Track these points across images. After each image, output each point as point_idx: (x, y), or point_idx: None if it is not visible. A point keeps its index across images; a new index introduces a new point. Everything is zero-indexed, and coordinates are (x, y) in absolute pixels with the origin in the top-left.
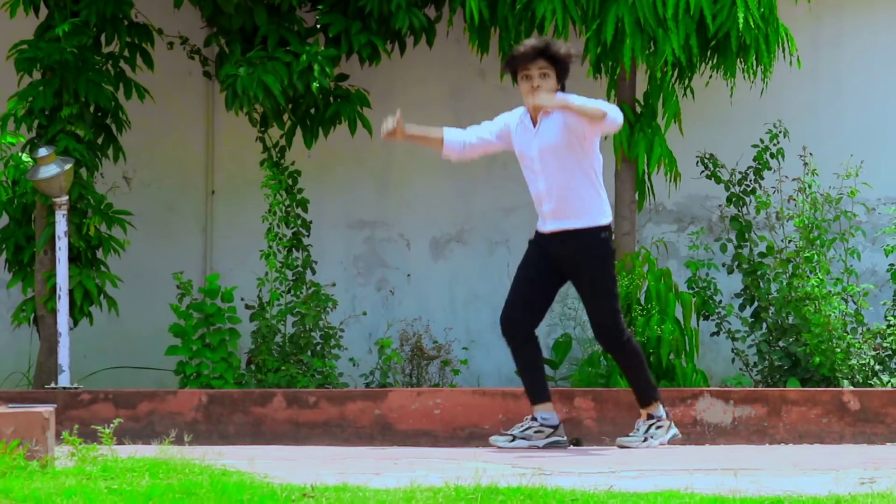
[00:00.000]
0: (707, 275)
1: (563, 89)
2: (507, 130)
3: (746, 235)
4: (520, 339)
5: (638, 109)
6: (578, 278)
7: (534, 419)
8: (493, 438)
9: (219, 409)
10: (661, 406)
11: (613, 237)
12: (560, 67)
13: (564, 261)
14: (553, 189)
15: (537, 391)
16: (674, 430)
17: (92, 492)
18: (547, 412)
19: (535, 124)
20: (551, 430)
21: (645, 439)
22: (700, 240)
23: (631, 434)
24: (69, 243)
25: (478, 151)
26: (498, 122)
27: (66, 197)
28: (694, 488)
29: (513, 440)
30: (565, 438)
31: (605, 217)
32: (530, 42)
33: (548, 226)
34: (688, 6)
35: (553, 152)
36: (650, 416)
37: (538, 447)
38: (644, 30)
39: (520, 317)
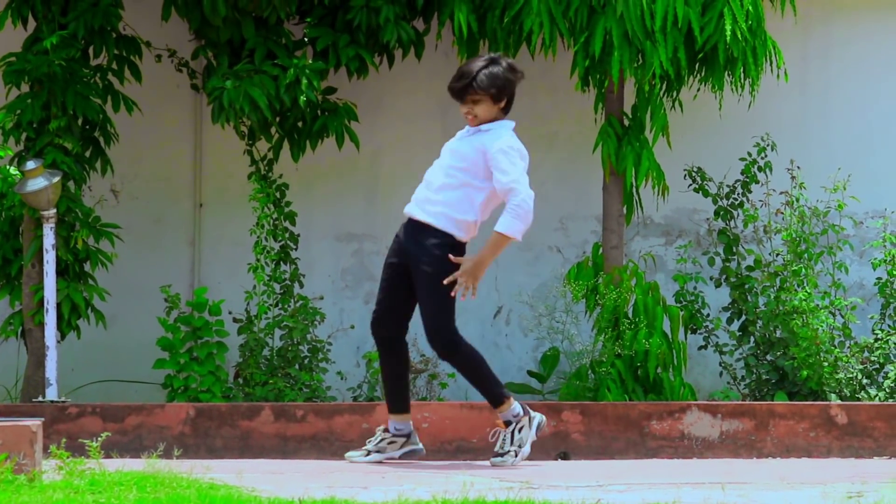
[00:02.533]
0: (695, 288)
1: (507, 105)
2: None
3: (734, 249)
4: (389, 344)
5: (626, 122)
6: (415, 282)
7: (386, 430)
8: (347, 454)
9: (206, 422)
10: (513, 401)
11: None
12: (490, 92)
13: (407, 249)
14: (434, 182)
15: (398, 402)
16: (537, 417)
17: None
18: (401, 423)
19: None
20: (404, 440)
21: (515, 452)
22: (688, 253)
23: (498, 452)
24: (57, 256)
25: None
26: None
27: (54, 210)
28: (682, 502)
29: (368, 454)
30: (420, 446)
31: (458, 231)
32: (455, 78)
33: (407, 207)
34: (675, 19)
35: (456, 155)
36: (507, 423)
37: (395, 458)
38: (632, 42)
39: (385, 322)
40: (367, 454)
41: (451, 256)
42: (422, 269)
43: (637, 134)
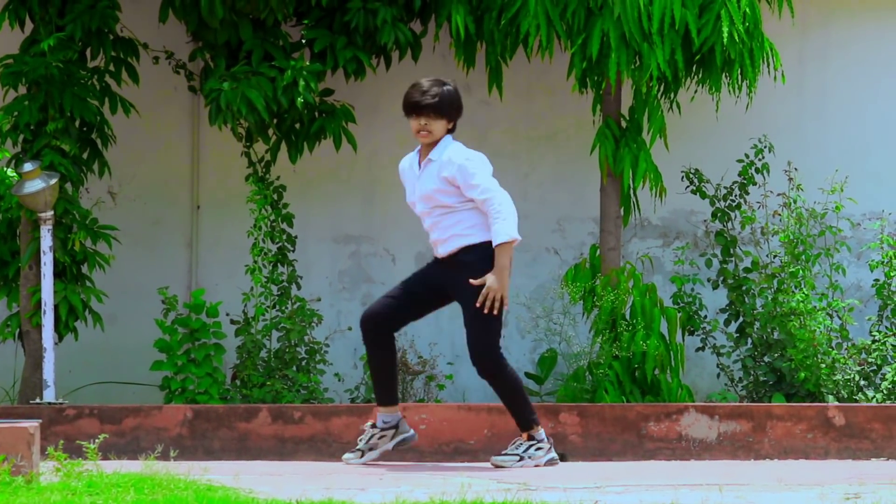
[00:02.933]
0: (692, 290)
1: (453, 128)
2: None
3: (731, 250)
4: (378, 337)
5: (623, 124)
6: (462, 304)
7: (374, 426)
8: (344, 457)
9: (204, 424)
10: (541, 430)
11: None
12: (450, 112)
13: (449, 280)
14: (433, 226)
15: (387, 395)
16: (553, 454)
17: None
18: (389, 415)
19: (420, 165)
20: (394, 431)
21: (521, 458)
22: (685, 255)
23: (506, 453)
24: (54, 258)
25: None
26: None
27: (52, 212)
28: (679, 503)
29: (362, 455)
30: (412, 432)
31: (487, 234)
32: (408, 97)
33: (438, 251)
34: (673, 20)
35: (425, 197)
36: (531, 438)
37: (389, 450)
38: (629, 44)
39: (383, 316)
40: (362, 455)
41: (471, 281)
42: (466, 288)
43: (634, 136)
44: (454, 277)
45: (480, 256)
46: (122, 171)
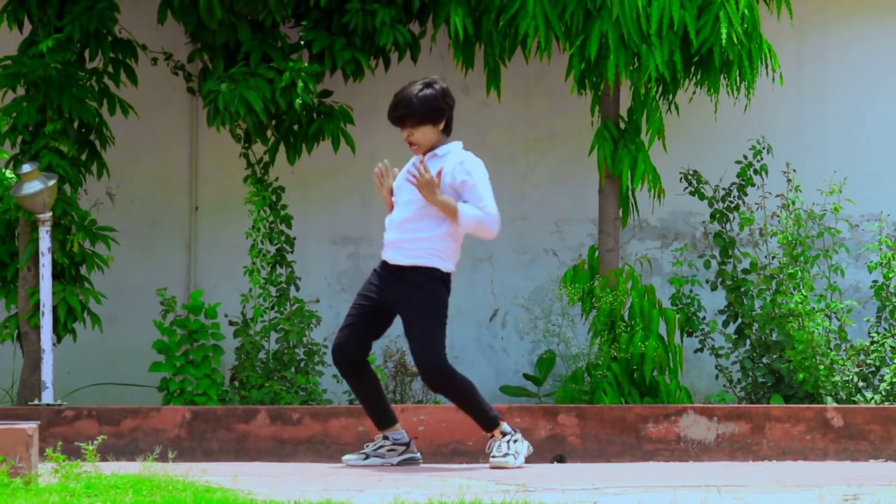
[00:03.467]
0: (691, 291)
1: (447, 126)
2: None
3: (730, 252)
4: (354, 368)
5: (622, 125)
6: (405, 316)
7: (386, 438)
8: (346, 457)
9: (202, 425)
10: (504, 422)
11: (447, 289)
12: (429, 117)
13: (393, 296)
14: (404, 221)
15: (383, 417)
16: (527, 442)
17: None
18: (397, 433)
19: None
20: (404, 448)
21: (516, 457)
22: (684, 256)
23: (495, 455)
24: (53, 259)
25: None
26: None
27: (50, 213)
28: None
29: (366, 458)
30: (419, 455)
31: (442, 264)
32: (392, 107)
33: (388, 254)
34: (671, 22)
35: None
36: (503, 434)
37: (392, 464)
38: (628, 45)
39: (348, 347)
40: (366, 458)
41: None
42: (411, 304)
43: (633, 137)
44: (399, 292)
45: (430, 278)
46: (120, 173)
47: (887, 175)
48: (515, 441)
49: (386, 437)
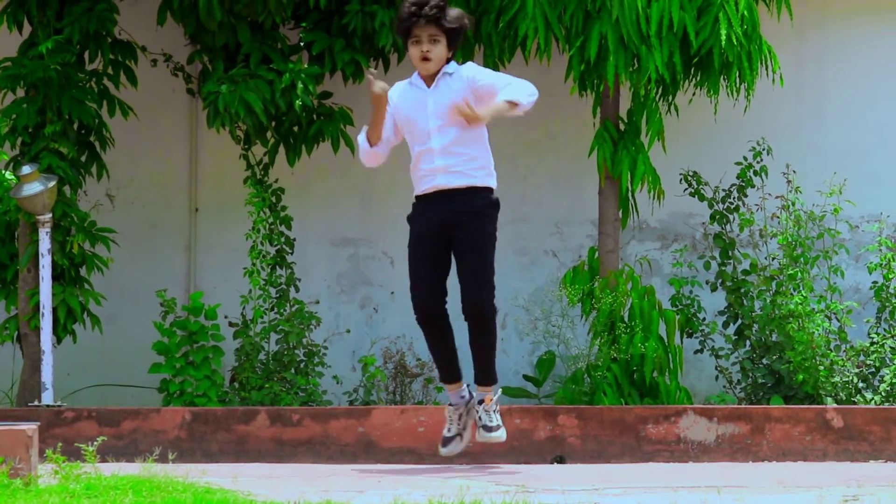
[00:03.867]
0: (691, 292)
1: (453, 56)
2: (394, 110)
3: (730, 253)
4: (440, 320)
5: (622, 127)
6: (466, 238)
7: (451, 405)
8: (444, 451)
9: (202, 426)
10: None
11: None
12: (451, 33)
13: (451, 220)
14: (448, 146)
15: (456, 371)
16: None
17: None
18: (459, 389)
19: (428, 85)
20: (470, 399)
21: (502, 427)
22: (684, 257)
23: (488, 425)
24: (53, 261)
25: (383, 157)
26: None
27: (50, 215)
28: None
29: (461, 438)
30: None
31: (494, 180)
32: (419, 3)
33: (438, 181)
34: (671, 23)
35: (450, 110)
36: (491, 400)
37: (470, 425)
38: (627, 47)
39: (437, 298)
40: (461, 438)
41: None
42: (477, 231)
43: (633, 138)
44: (461, 218)
45: (488, 203)
46: (120, 174)
47: (887, 176)
48: (496, 411)
49: (451, 405)
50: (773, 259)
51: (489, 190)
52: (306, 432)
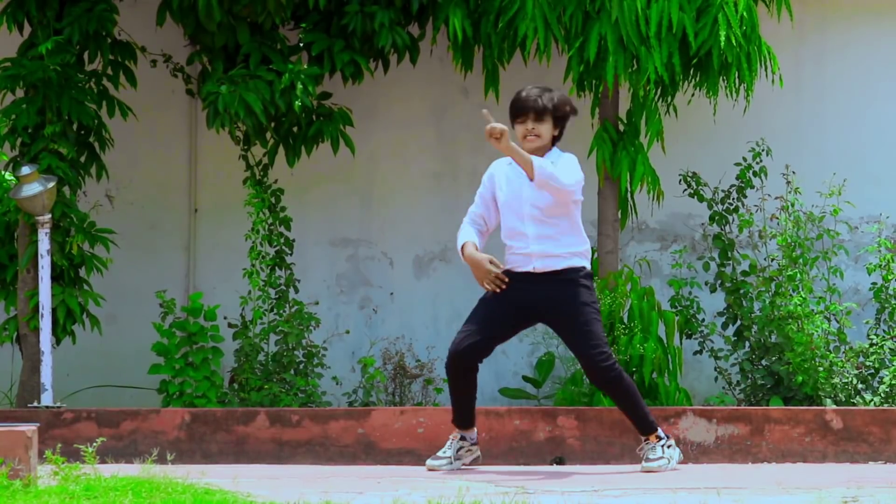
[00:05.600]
0: (690, 293)
1: (559, 136)
2: (492, 191)
3: (729, 254)
4: (469, 372)
5: (621, 127)
6: (563, 317)
7: (463, 438)
8: (431, 463)
9: (202, 427)
10: (660, 429)
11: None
12: (558, 118)
13: (545, 305)
14: (542, 234)
15: (470, 417)
16: (678, 450)
17: None
18: (472, 434)
19: None
20: (476, 447)
21: (669, 461)
22: (683, 258)
23: (651, 457)
24: (52, 262)
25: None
26: (483, 195)
27: (49, 215)
28: None
29: (451, 463)
30: (479, 454)
31: (587, 261)
32: (530, 95)
33: (532, 265)
34: (670, 24)
35: (545, 203)
36: (658, 438)
37: (466, 463)
38: (627, 48)
39: (477, 356)
40: (450, 462)
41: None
42: (577, 303)
43: (632, 139)
44: (559, 293)
45: (586, 275)
46: (119, 175)
47: (886, 177)
48: (669, 446)
49: (463, 438)
50: (773, 260)
51: (581, 268)
52: (306, 433)
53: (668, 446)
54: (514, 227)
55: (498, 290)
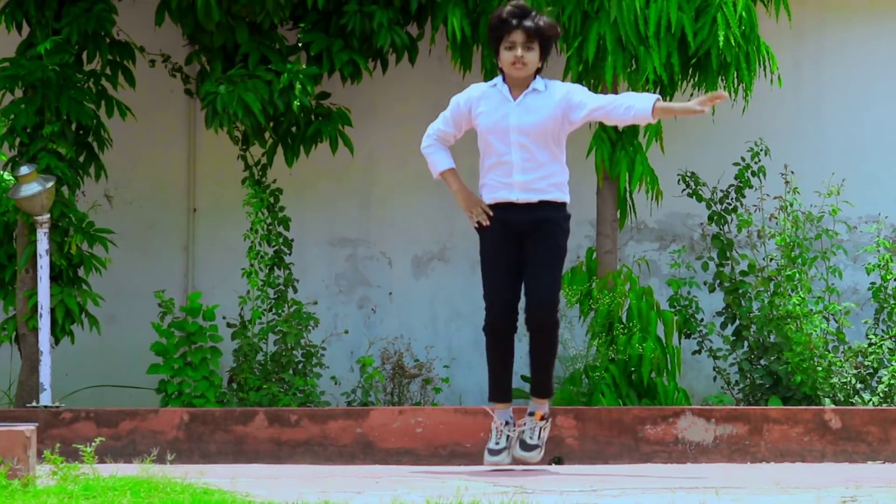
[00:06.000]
0: (689, 293)
1: (543, 65)
2: (467, 114)
3: (728, 254)
4: (512, 328)
5: (619, 127)
6: (537, 249)
7: (507, 423)
8: (492, 459)
9: (200, 427)
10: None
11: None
12: (545, 41)
13: (527, 230)
14: (528, 162)
15: (509, 390)
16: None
17: None
18: (510, 411)
19: (514, 96)
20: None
21: (541, 452)
22: (682, 258)
23: (529, 443)
24: (51, 261)
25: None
26: (456, 117)
27: (48, 215)
28: None
29: (508, 452)
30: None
31: (568, 195)
32: (512, 8)
33: (514, 195)
34: (669, 24)
35: (534, 128)
36: (543, 418)
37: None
38: (626, 47)
39: (513, 310)
40: (508, 453)
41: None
42: (550, 242)
43: (630, 139)
44: (535, 228)
45: (564, 217)
46: (118, 175)
47: (885, 177)
48: (547, 430)
49: (507, 423)
50: (771, 260)
51: (563, 204)
52: (304, 433)
53: (546, 429)
54: (498, 155)
55: (484, 223)
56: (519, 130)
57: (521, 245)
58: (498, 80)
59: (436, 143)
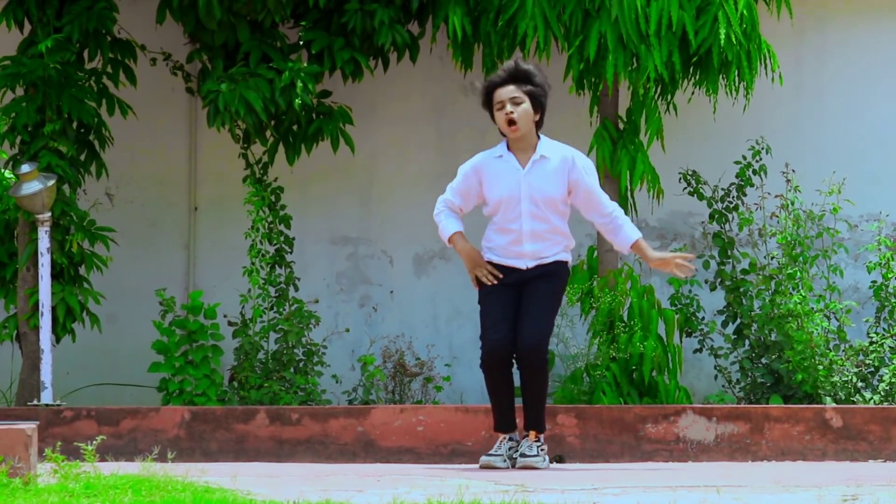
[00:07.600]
0: (690, 291)
1: (541, 120)
2: (477, 186)
3: (729, 252)
4: (508, 366)
5: (620, 126)
6: (534, 294)
7: (511, 439)
8: (489, 460)
9: (201, 425)
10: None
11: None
12: (533, 93)
13: (528, 278)
14: (537, 231)
15: (513, 419)
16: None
17: None
18: (517, 434)
19: (521, 163)
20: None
21: (544, 458)
22: None
23: (528, 454)
24: (52, 260)
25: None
26: (463, 189)
27: (49, 213)
28: None
29: (506, 461)
30: None
31: (571, 253)
32: (498, 70)
33: (524, 263)
34: (670, 22)
35: (543, 199)
36: (537, 438)
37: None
38: (626, 46)
39: (509, 347)
40: (504, 460)
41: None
42: (549, 287)
43: (632, 137)
44: (539, 275)
45: (565, 270)
46: (119, 173)
47: (886, 175)
48: (543, 449)
49: (511, 439)
50: (773, 258)
51: (564, 263)
52: (305, 431)
53: (543, 448)
54: (508, 221)
55: (489, 283)
56: (530, 200)
57: (520, 291)
58: (502, 148)
59: (446, 209)
